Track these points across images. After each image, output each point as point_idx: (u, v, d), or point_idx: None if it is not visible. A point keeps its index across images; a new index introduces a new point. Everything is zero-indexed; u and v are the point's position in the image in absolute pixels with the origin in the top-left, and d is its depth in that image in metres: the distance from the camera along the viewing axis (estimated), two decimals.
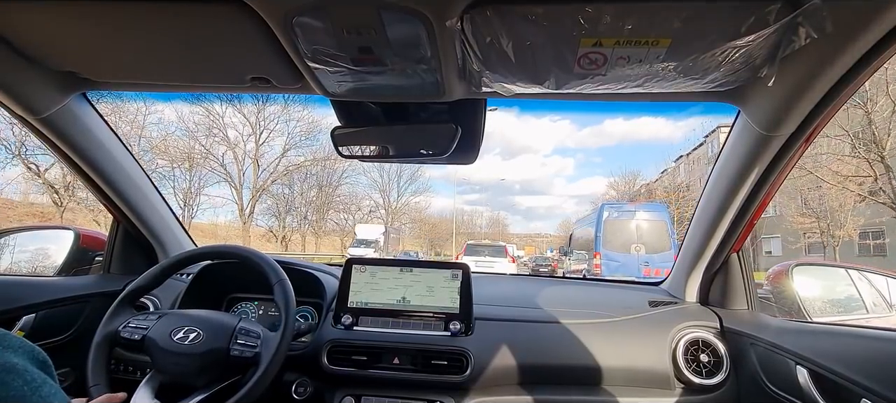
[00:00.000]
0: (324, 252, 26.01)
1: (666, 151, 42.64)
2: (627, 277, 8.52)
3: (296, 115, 24.02)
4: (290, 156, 25.17)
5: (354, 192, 30.63)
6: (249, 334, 0.97)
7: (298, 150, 25.65)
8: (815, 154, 14.14)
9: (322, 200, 27.75)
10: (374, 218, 30.26)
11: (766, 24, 0.63)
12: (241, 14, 0.67)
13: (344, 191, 29.76)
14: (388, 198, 32.77)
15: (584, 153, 54.96)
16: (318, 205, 27.68)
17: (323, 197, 27.77)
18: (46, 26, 0.77)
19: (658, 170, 31.19)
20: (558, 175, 58.36)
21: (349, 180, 29.58)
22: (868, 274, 1.97)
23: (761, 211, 1.12)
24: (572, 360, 1.15)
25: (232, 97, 19.89)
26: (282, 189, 26.07)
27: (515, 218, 60.39)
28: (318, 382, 1.17)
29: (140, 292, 1.05)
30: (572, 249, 12.68)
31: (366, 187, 38.38)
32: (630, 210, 10.34)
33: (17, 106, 0.96)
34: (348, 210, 30.47)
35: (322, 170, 27.38)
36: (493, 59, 0.74)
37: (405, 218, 33.34)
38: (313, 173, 27.06)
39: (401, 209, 32.92)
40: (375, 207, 32.09)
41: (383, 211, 32.14)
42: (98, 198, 1.29)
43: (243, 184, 23.85)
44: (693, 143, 27.60)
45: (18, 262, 1.67)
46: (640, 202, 17.15)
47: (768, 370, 1.03)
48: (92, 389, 0.89)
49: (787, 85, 0.77)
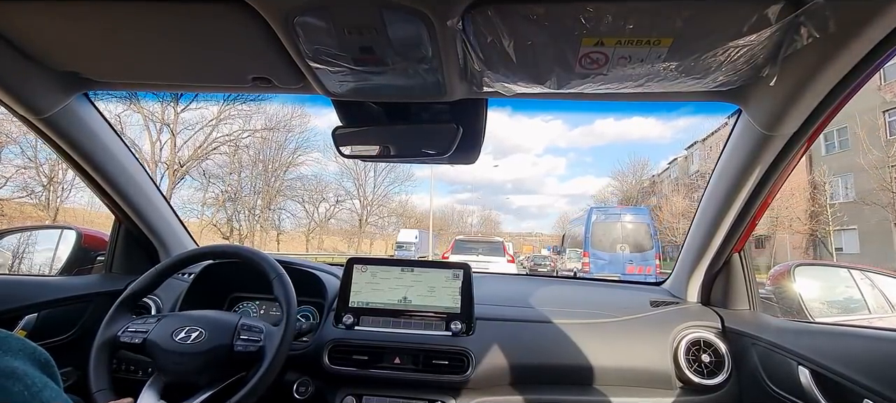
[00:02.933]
0: (292, 253, 19.96)
1: (656, 151, 42.45)
2: (626, 276, 9.73)
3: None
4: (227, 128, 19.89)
5: (318, 177, 26.18)
6: (252, 329, 0.97)
7: (231, 121, 20.28)
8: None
9: (272, 186, 22.29)
10: (344, 209, 26.75)
11: (768, 24, 0.63)
12: (243, 14, 0.67)
13: (304, 176, 24.59)
14: (364, 188, 28.55)
15: (575, 152, 54.97)
16: (267, 192, 22.43)
17: (272, 182, 22.32)
18: (48, 27, 0.77)
19: (654, 168, 31.06)
20: (550, 174, 58.35)
21: (303, 159, 23.84)
22: (870, 274, 1.96)
23: (763, 211, 1.12)
24: (574, 360, 1.15)
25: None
26: (217, 168, 20.82)
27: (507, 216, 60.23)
28: (320, 382, 1.17)
29: (139, 294, 1.05)
30: (566, 248, 13.48)
31: (335, 175, 33.95)
32: (616, 213, 11.38)
33: (19, 106, 0.96)
34: (312, 200, 25.37)
35: (264, 145, 21.84)
36: (495, 58, 0.74)
37: (383, 211, 29.64)
38: (255, 148, 21.61)
39: (378, 201, 29.09)
40: (345, 196, 27.50)
41: (357, 202, 27.87)
42: (100, 197, 1.30)
43: (160, 158, 19.04)
44: (683, 144, 27.18)
45: (20, 261, 1.68)
46: (625, 206, 17.99)
47: (770, 370, 1.02)
48: (96, 395, 0.88)
49: (789, 84, 0.77)
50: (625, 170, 32.36)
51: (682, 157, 28.30)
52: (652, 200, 29.55)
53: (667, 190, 28.74)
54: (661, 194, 29.36)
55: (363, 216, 28.13)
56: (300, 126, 23.41)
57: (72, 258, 1.58)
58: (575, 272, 10.96)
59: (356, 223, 27.66)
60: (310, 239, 25.05)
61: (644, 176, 31.05)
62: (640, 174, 31.01)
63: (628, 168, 32.08)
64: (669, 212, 23.35)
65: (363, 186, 28.38)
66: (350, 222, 27.96)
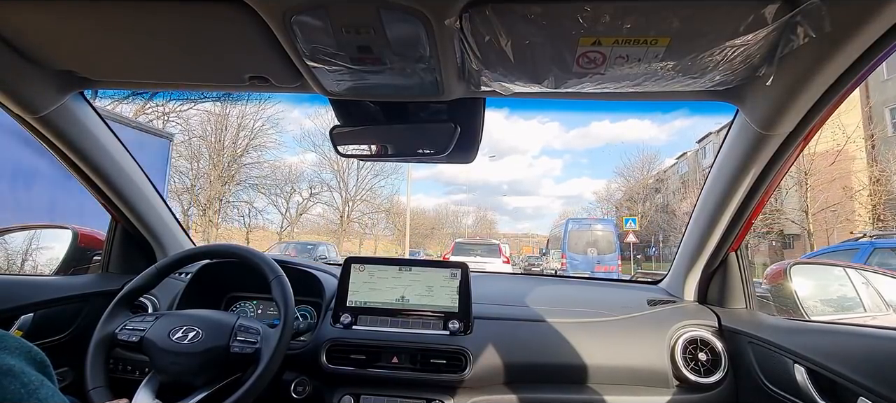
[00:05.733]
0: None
1: (652, 152, 42.14)
2: (595, 273, 12.06)
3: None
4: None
5: (285, 165, 21.67)
6: (249, 331, 0.97)
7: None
8: None
9: (222, 174, 17.22)
10: (320, 203, 23.16)
11: (764, 24, 0.63)
12: (240, 13, 0.67)
13: (266, 161, 19.58)
14: (345, 181, 24.49)
15: (571, 154, 54.96)
16: (216, 180, 17.34)
17: (227, 168, 17.31)
18: (44, 25, 0.77)
19: (656, 166, 30.88)
20: (546, 176, 58.46)
21: (259, 141, 19.17)
22: (866, 273, 1.97)
23: (759, 210, 1.12)
24: (571, 359, 1.15)
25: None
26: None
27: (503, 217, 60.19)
28: (318, 381, 1.17)
29: (137, 293, 1.04)
30: (550, 250, 16.44)
31: (313, 165, 29.96)
32: (588, 223, 14.48)
33: (14, 104, 0.96)
34: (281, 191, 21.24)
35: (206, 124, 16.90)
36: (492, 58, 0.74)
37: (365, 207, 25.77)
38: (193, 122, 16.71)
39: (362, 196, 25.36)
40: (320, 186, 23.35)
41: (337, 197, 23.83)
42: (96, 196, 1.29)
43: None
44: (678, 146, 26.55)
45: (17, 261, 1.67)
46: (594, 218, 20.54)
47: (766, 368, 1.03)
48: (91, 392, 0.88)
49: (785, 84, 0.77)
50: (633, 164, 31.51)
51: (693, 152, 27.05)
52: (657, 198, 29.21)
53: (673, 186, 28.25)
54: (668, 191, 28.84)
55: (345, 212, 24.52)
56: (259, 101, 19.55)
57: (68, 257, 1.57)
58: (556, 271, 13.64)
59: (338, 220, 24.47)
60: (282, 238, 20.87)
61: (650, 172, 30.38)
62: (648, 170, 30.23)
63: (637, 162, 31.30)
64: (684, 211, 22.22)
65: (344, 177, 24.44)
66: (327, 218, 24.54)
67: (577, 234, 13.71)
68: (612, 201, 32.96)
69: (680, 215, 23.26)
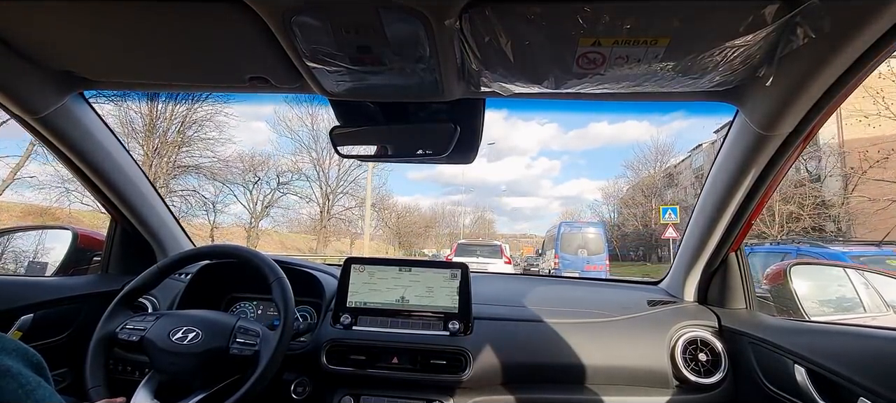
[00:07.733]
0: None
1: (650, 153, 42.04)
2: (585, 272, 12.66)
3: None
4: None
5: (245, 144, 18.49)
6: (248, 332, 0.97)
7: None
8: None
9: (166, 159, 14.61)
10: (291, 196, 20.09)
11: (764, 24, 0.63)
12: (240, 13, 0.67)
13: (212, 138, 15.90)
14: (326, 173, 21.24)
15: (569, 155, 55.39)
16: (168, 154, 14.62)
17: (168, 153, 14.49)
18: (44, 25, 0.77)
19: (648, 168, 30.68)
20: (544, 176, 58.71)
21: (213, 116, 15.74)
22: (866, 273, 1.98)
23: (759, 211, 1.12)
24: (571, 359, 1.15)
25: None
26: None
27: (501, 218, 60.28)
28: (317, 381, 1.17)
29: (137, 293, 1.04)
30: (545, 251, 17.21)
31: (288, 150, 25.85)
32: (579, 226, 15.23)
33: (14, 105, 0.96)
34: (244, 181, 17.97)
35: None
36: (492, 58, 0.74)
37: (347, 200, 22.74)
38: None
39: (344, 189, 22.30)
40: (291, 174, 20.12)
41: (316, 188, 20.76)
42: (96, 197, 1.29)
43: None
44: (677, 147, 26.08)
45: (16, 262, 1.67)
46: (585, 221, 20.93)
47: (766, 369, 1.03)
48: (90, 391, 0.89)
49: (785, 84, 0.77)
50: (646, 156, 30.91)
51: (709, 143, 25.35)
52: (667, 194, 28.70)
53: (686, 181, 27.79)
54: (681, 186, 28.32)
55: (325, 207, 21.32)
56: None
57: (68, 258, 1.57)
58: (549, 270, 14.51)
59: (317, 215, 21.63)
60: (250, 236, 18.51)
61: (661, 167, 29.77)
62: (660, 164, 29.72)
63: (650, 154, 30.73)
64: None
65: (324, 166, 21.01)
66: (299, 212, 21.84)
67: (569, 236, 14.47)
68: (618, 198, 32.76)
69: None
